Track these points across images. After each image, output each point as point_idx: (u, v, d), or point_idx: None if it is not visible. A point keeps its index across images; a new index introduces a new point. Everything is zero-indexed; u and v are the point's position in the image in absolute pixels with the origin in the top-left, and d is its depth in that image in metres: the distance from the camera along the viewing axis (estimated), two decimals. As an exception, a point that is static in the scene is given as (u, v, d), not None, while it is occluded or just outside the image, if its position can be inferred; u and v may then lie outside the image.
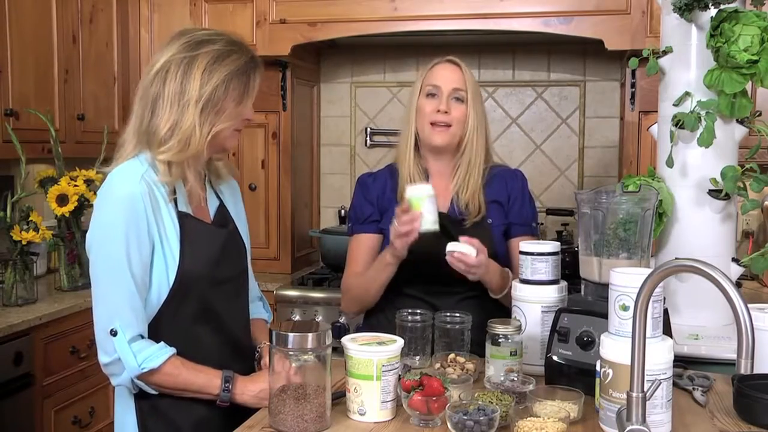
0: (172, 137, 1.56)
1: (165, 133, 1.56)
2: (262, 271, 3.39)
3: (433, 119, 2.03)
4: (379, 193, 2.10)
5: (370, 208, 2.10)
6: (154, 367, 1.54)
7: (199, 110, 1.57)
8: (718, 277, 1.14)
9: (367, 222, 2.10)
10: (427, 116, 2.04)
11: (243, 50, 1.64)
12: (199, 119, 1.57)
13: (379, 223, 2.09)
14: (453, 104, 2.03)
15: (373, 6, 3.24)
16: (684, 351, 1.83)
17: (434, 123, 2.03)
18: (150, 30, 3.51)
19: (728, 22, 1.82)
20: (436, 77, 2.06)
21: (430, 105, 2.04)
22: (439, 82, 2.04)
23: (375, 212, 2.09)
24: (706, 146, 1.87)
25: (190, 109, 1.56)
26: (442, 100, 2.03)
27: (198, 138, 1.57)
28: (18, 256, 2.71)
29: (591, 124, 3.64)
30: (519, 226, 2.10)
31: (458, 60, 2.08)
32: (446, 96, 2.03)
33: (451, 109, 2.02)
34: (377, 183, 2.13)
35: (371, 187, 2.12)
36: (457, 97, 2.04)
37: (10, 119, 2.73)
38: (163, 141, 1.57)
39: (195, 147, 1.57)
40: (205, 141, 1.59)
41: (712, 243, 1.95)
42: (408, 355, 1.78)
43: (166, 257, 1.58)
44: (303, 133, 3.71)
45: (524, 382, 1.55)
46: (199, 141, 1.57)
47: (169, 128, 1.56)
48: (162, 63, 1.59)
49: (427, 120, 2.04)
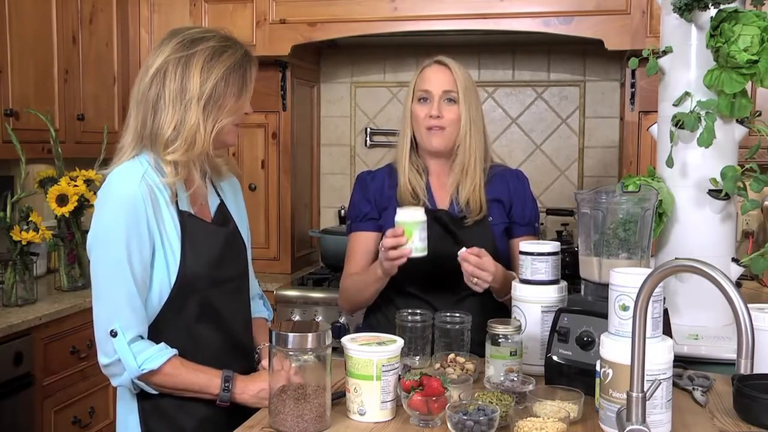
0: (178, 137, 1.57)
1: (170, 134, 1.57)
2: (262, 271, 3.39)
3: (427, 124, 2.03)
4: (378, 192, 2.10)
5: (368, 205, 2.10)
6: (154, 368, 1.54)
7: (202, 107, 1.57)
8: (718, 277, 1.14)
9: (366, 220, 2.10)
10: (421, 122, 2.04)
11: (237, 45, 1.65)
12: (202, 116, 1.58)
13: (377, 221, 2.09)
14: (445, 106, 2.03)
15: (373, 6, 3.24)
16: (684, 351, 1.83)
17: (429, 128, 2.03)
18: (150, 30, 3.51)
19: (728, 22, 1.82)
20: (426, 81, 2.05)
21: (422, 110, 2.04)
22: (429, 86, 2.04)
23: (373, 210, 2.10)
24: (706, 146, 1.87)
25: (193, 107, 1.57)
26: (434, 105, 2.02)
27: (203, 135, 1.58)
28: (18, 257, 2.71)
29: (591, 124, 3.63)
30: (521, 226, 2.10)
31: (447, 60, 2.07)
32: (437, 99, 2.03)
33: (443, 112, 2.02)
34: (376, 181, 2.13)
35: (370, 185, 2.12)
36: (450, 98, 2.03)
37: (10, 119, 2.73)
38: (169, 142, 1.57)
39: (201, 144, 1.58)
40: (210, 137, 1.59)
41: (712, 243, 1.95)
42: (408, 355, 1.78)
43: (167, 257, 1.59)
44: (303, 133, 3.71)
45: (524, 382, 1.55)
46: (204, 138, 1.58)
47: (174, 128, 1.57)
48: (158, 65, 1.59)
49: (421, 125, 2.04)
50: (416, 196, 2.05)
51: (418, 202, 2.04)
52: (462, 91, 2.03)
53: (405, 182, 2.05)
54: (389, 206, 2.04)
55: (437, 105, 2.02)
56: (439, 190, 2.09)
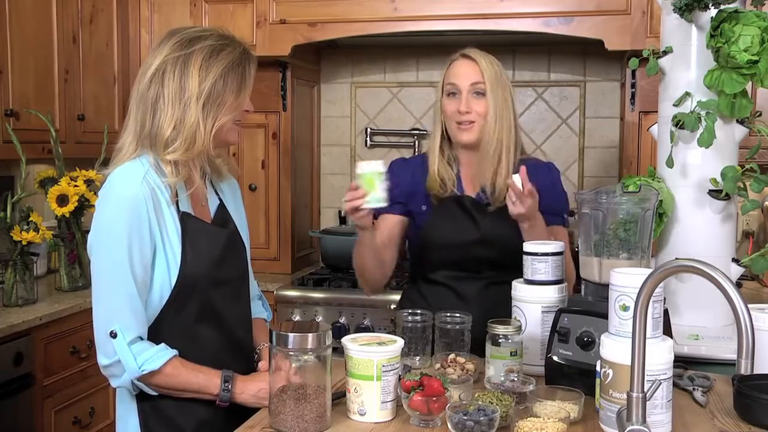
0: (178, 136, 1.57)
1: (170, 134, 1.57)
2: (262, 272, 3.39)
3: (456, 119, 2.04)
4: (409, 178, 2.12)
5: (396, 189, 2.06)
6: (155, 368, 1.54)
7: (201, 106, 1.58)
8: (718, 278, 1.14)
9: (393, 204, 2.04)
10: (450, 117, 2.06)
11: (235, 43, 1.65)
12: (202, 115, 1.58)
13: (405, 206, 2.11)
14: (473, 100, 2.03)
15: (373, 6, 3.24)
16: (684, 351, 1.83)
17: (458, 122, 2.04)
18: (150, 30, 3.51)
19: (728, 23, 1.82)
20: (454, 75, 2.06)
21: (451, 105, 2.05)
22: (456, 80, 2.05)
23: (401, 194, 2.09)
24: (706, 146, 1.87)
25: (192, 106, 1.57)
26: (462, 99, 2.03)
27: (203, 134, 1.58)
28: (18, 257, 2.70)
29: (591, 124, 3.63)
30: (550, 216, 2.08)
31: (474, 52, 2.08)
32: (465, 93, 2.03)
33: (471, 106, 2.03)
34: (408, 168, 2.15)
35: (402, 172, 2.13)
36: (477, 92, 2.04)
37: (10, 119, 2.73)
38: (169, 141, 1.57)
39: (201, 143, 1.59)
40: (210, 136, 1.60)
41: (713, 243, 1.95)
42: (408, 355, 1.78)
43: (167, 258, 1.58)
44: (303, 134, 3.71)
45: (524, 383, 1.55)
46: (204, 137, 1.58)
47: (174, 127, 1.57)
48: (157, 65, 1.59)
49: (451, 120, 2.06)
50: (444, 186, 2.07)
51: (446, 191, 2.06)
52: (489, 82, 2.03)
53: (434, 172, 2.07)
54: (417, 193, 2.09)
55: (465, 100, 2.03)
56: (468, 180, 2.10)
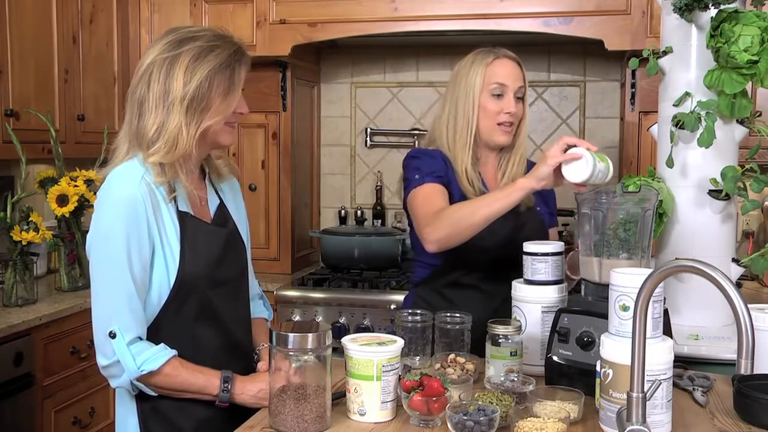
0: (159, 138, 1.55)
1: (152, 135, 1.56)
2: (262, 272, 3.39)
3: (499, 120, 2.03)
4: (442, 164, 2.05)
5: (441, 168, 2.02)
6: (154, 369, 1.54)
7: (185, 109, 1.56)
8: (718, 278, 1.14)
9: (437, 176, 2.01)
10: (493, 117, 2.04)
11: (227, 44, 1.62)
12: (185, 119, 1.56)
13: (447, 185, 2.01)
14: (514, 103, 2.05)
15: (373, 6, 3.24)
16: (684, 351, 1.83)
17: (500, 123, 2.04)
18: (150, 30, 3.51)
19: (728, 23, 1.82)
20: (502, 75, 2.04)
21: (497, 105, 2.03)
22: (506, 81, 2.04)
23: (445, 175, 2.02)
24: (706, 146, 1.87)
25: (175, 109, 1.55)
26: (510, 101, 2.03)
27: (186, 137, 1.56)
28: (18, 257, 2.71)
29: (591, 124, 3.64)
30: (550, 216, 2.18)
31: (513, 55, 2.09)
32: (511, 95, 2.04)
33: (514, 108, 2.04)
34: (439, 158, 2.06)
35: (437, 157, 2.06)
36: (519, 96, 2.06)
37: (10, 119, 2.73)
38: (151, 143, 1.56)
39: (183, 147, 1.56)
40: (194, 140, 1.57)
41: (712, 243, 1.95)
42: (408, 355, 1.78)
43: (166, 258, 1.58)
44: (303, 134, 3.71)
45: (524, 383, 1.55)
46: (186, 140, 1.56)
47: (156, 129, 1.56)
48: (146, 65, 1.59)
49: (493, 120, 2.04)
50: (472, 185, 2.04)
51: (474, 190, 2.03)
52: (527, 88, 2.08)
53: (462, 172, 2.04)
54: (451, 182, 2.02)
55: (512, 101, 2.03)
56: (491, 180, 2.10)
